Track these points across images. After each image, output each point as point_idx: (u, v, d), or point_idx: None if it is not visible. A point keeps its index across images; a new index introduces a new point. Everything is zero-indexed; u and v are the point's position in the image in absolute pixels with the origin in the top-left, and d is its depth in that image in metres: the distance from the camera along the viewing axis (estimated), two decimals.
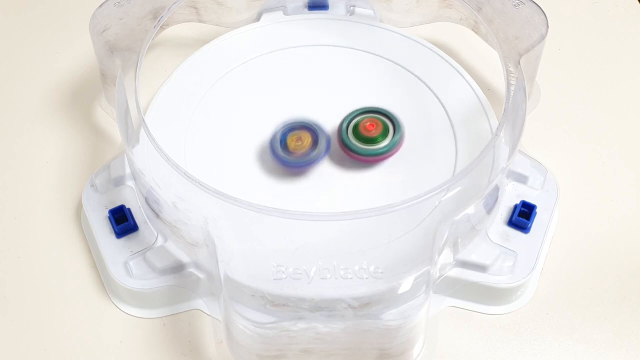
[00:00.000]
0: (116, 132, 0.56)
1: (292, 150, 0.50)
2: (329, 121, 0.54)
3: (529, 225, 0.50)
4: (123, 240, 0.49)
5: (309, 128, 0.51)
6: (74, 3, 0.66)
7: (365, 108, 0.53)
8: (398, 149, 0.52)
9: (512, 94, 0.51)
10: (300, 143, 0.50)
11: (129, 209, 0.50)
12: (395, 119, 0.52)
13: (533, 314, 0.49)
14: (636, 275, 0.51)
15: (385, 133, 0.51)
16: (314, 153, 0.50)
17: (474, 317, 0.49)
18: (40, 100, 0.59)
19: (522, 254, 0.49)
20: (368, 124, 0.51)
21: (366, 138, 0.51)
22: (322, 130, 0.51)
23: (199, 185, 0.45)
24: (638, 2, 0.67)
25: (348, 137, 0.51)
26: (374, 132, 0.51)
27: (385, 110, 0.52)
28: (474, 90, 0.56)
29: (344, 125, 0.52)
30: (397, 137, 0.51)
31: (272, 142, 0.51)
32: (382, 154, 0.51)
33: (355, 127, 0.51)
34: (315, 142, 0.51)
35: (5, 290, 0.50)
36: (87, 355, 0.48)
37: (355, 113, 0.52)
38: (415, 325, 0.45)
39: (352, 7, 0.61)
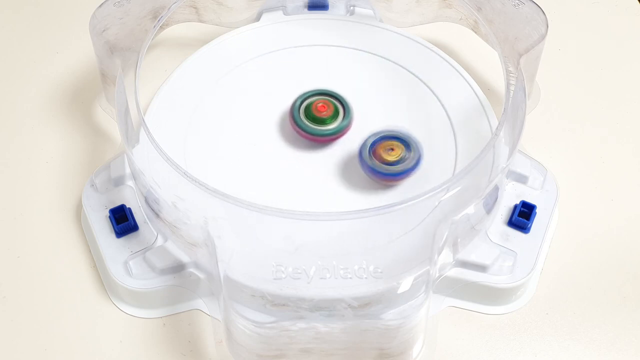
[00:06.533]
0: (116, 132, 0.56)
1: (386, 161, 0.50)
2: None
3: (529, 225, 0.50)
4: (123, 240, 0.50)
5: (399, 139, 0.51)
6: (74, 3, 0.66)
7: (319, 90, 0.54)
8: (346, 132, 0.53)
9: (512, 94, 0.51)
10: (392, 152, 0.51)
11: (129, 209, 0.50)
12: (347, 103, 0.53)
13: (533, 314, 0.49)
14: (636, 275, 0.51)
15: (335, 115, 0.52)
16: (406, 162, 0.50)
17: (473, 317, 0.49)
18: (40, 100, 0.59)
19: (522, 254, 0.49)
20: (320, 105, 0.52)
21: (317, 118, 0.52)
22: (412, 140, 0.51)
23: (199, 185, 0.45)
24: (638, 2, 0.67)
25: (300, 115, 0.52)
26: (325, 114, 0.52)
27: (338, 95, 0.53)
28: (474, 90, 0.56)
29: (297, 103, 0.53)
30: (346, 121, 0.52)
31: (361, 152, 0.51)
32: (330, 135, 0.52)
33: (308, 107, 0.52)
34: (407, 149, 0.51)
35: (5, 290, 0.50)
36: (87, 355, 0.48)
37: (310, 94, 0.53)
38: (415, 325, 0.45)
39: (352, 7, 0.61)
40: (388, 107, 0.55)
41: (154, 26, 0.54)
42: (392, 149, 0.50)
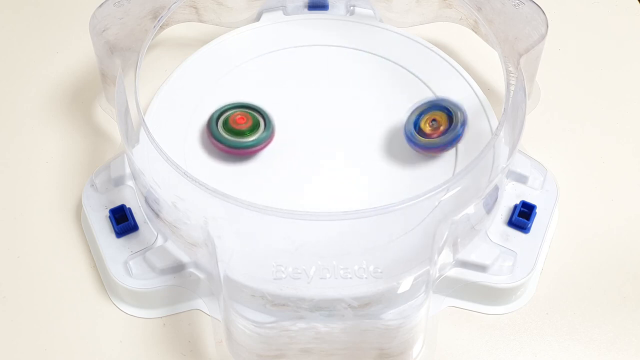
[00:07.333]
0: (116, 132, 0.56)
1: (428, 133, 0.51)
2: (329, 121, 0.54)
3: (529, 225, 0.50)
4: (123, 240, 0.50)
5: (442, 108, 0.52)
6: (74, 3, 0.66)
7: (238, 103, 0.53)
8: (267, 144, 0.52)
9: (512, 94, 0.51)
10: (435, 125, 0.51)
11: (129, 209, 0.50)
12: (267, 116, 0.52)
13: (533, 314, 0.49)
14: (636, 275, 0.51)
15: (254, 128, 0.52)
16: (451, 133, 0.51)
17: (474, 317, 0.49)
18: (40, 100, 0.59)
19: (522, 254, 0.49)
20: (239, 117, 0.52)
21: (235, 131, 0.51)
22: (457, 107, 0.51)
23: (199, 185, 0.45)
24: (638, 2, 0.67)
25: (217, 128, 0.52)
26: (244, 126, 0.51)
27: (258, 107, 0.53)
28: (474, 90, 0.56)
29: (215, 116, 0.52)
30: (266, 133, 0.52)
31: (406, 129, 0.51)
32: (248, 147, 0.51)
33: (226, 120, 0.52)
34: (450, 122, 0.51)
35: (5, 290, 0.50)
36: (87, 355, 0.48)
37: (228, 107, 0.53)
38: (415, 325, 0.45)
39: (352, 7, 0.61)
40: (388, 107, 0.55)
41: (154, 26, 0.54)
42: (435, 120, 0.51)
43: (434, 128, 0.51)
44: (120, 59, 0.52)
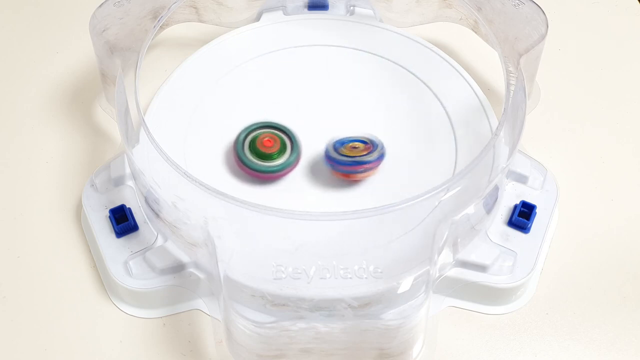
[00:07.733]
0: (116, 132, 0.56)
1: (348, 154, 0.50)
2: (329, 121, 0.54)
3: (529, 226, 0.50)
4: (123, 240, 0.49)
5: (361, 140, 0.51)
6: (74, 3, 0.66)
7: (265, 123, 0.52)
8: (293, 168, 0.51)
9: (512, 94, 0.51)
10: (355, 151, 0.50)
11: (129, 209, 0.50)
12: (295, 138, 0.51)
13: (533, 314, 0.49)
14: (636, 275, 0.51)
15: (282, 150, 0.51)
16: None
17: (474, 317, 0.49)
18: (40, 100, 0.59)
19: (522, 254, 0.49)
20: (266, 139, 0.51)
21: (262, 154, 0.50)
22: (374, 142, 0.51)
23: (199, 185, 0.45)
24: (638, 2, 0.67)
25: (244, 150, 0.50)
26: (272, 149, 0.50)
27: (286, 128, 0.52)
28: (474, 90, 0.56)
29: (241, 137, 0.51)
30: (293, 156, 0.51)
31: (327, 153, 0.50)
32: (276, 171, 0.50)
33: (253, 141, 0.51)
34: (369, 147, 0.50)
35: (5, 290, 0.50)
36: (87, 355, 0.48)
37: (255, 127, 0.52)
38: (415, 325, 0.45)
39: (352, 7, 0.61)
40: (388, 107, 0.55)
41: (154, 26, 0.54)
42: (355, 148, 0.50)
43: (355, 152, 0.50)
44: (120, 59, 0.52)
